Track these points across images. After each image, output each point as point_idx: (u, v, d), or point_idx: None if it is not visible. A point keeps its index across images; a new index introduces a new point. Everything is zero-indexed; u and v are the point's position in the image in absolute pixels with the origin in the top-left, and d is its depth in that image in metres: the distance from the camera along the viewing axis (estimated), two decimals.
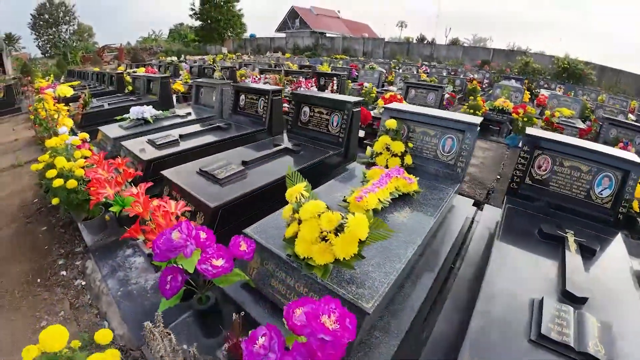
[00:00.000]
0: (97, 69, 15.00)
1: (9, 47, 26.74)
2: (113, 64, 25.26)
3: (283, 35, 42.41)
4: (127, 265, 2.61)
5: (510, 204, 2.69)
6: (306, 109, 4.21)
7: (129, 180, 2.73)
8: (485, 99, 9.80)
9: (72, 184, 2.65)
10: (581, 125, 8.46)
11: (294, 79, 8.12)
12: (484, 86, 14.33)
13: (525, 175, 2.77)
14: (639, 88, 21.29)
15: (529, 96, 11.46)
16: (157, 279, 2.46)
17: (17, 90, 10.90)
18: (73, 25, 32.88)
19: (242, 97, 5.04)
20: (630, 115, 10.60)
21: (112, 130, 4.53)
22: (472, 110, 8.28)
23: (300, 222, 1.77)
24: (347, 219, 1.67)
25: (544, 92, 13.09)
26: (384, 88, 10.45)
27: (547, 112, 8.34)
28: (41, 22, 31.55)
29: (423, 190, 2.76)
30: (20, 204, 4.10)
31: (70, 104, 7.56)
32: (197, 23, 36.27)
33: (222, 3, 35.36)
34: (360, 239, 1.64)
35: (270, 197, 3.01)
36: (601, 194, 2.50)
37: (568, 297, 1.63)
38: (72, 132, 4.63)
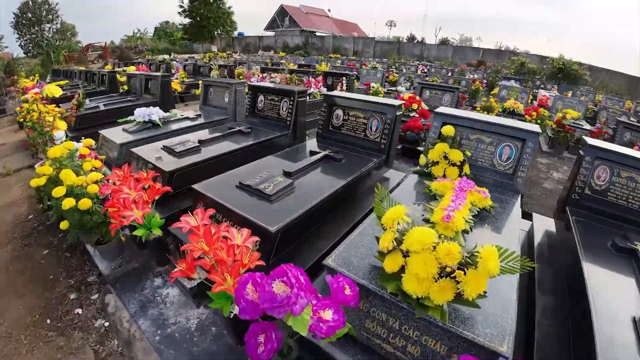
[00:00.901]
0: (83, 68, 14.25)
1: None
2: (97, 63, 24.30)
3: (272, 33, 41.84)
4: (159, 300, 2.17)
5: (575, 216, 2.54)
6: (339, 112, 3.82)
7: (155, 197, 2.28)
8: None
9: (85, 204, 2.19)
10: (588, 127, 8.35)
11: (301, 78, 7.69)
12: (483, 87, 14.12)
13: (586, 185, 2.66)
14: (628, 87, 21.62)
15: (531, 97, 11.34)
16: (201, 317, 2.03)
17: (2, 90, 10.16)
18: (56, 24, 31.66)
19: (261, 98, 4.59)
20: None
21: (116, 134, 4.03)
22: (485, 112, 8.03)
23: (405, 253, 1.48)
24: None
25: (543, 93, 12.96)
26: (389, 88, 10.10)
27: (559, 114, 8.19)
28: (24, 21, 30.33)
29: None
30: (14, 221, 3.58)
31: (60, 105, 6.98)
32: (186, 20, 35.28)
33: (211, 0, 34.50)
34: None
35: (323, 215, 2.61)
36: None
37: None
38: (66, 136, 4.13)
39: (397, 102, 3.54)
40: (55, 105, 6.15)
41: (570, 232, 2.39)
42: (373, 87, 9.15)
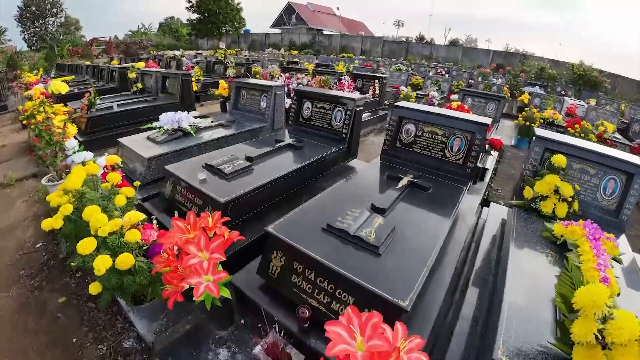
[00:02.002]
0: (89, 63, 13.57)
1: None
2: (102, 58, 23.58)
3: (278, 31, 41.07)
4: None
5: None
6: (410, 127, 3.18)
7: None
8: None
9: (125, 262, 1.54)
10: (626, 142, 7.77)
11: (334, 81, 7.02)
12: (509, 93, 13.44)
13: None
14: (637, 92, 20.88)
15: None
16: None
17: (3, 85, 9.48)
18: (60, 17, 30.99)
19: (308, 105, 3.96)
20: None
21: (141, 145, 3.39)
22: (528, 123, 7.41)
23: (605, 345, 1.20)
24: None
25: (571, 102, 12.33)
26: (418, 93, 9.45)
27: (601, 128, 7.61)
28: (28, 14, 29.67)
29: None
30: (17, 251, 2.94)
31: (67, 103, 6.32)
32: (194, 16, 34.54)
33: None
34: None
35: None
36: None
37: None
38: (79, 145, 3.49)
39: (486, 120, 2.93)
40: (62, 104, 5.53)
41: None
42: (403, 91, 8.51)
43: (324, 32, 40.32)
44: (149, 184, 3.20)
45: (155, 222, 1.87)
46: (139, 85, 6.66)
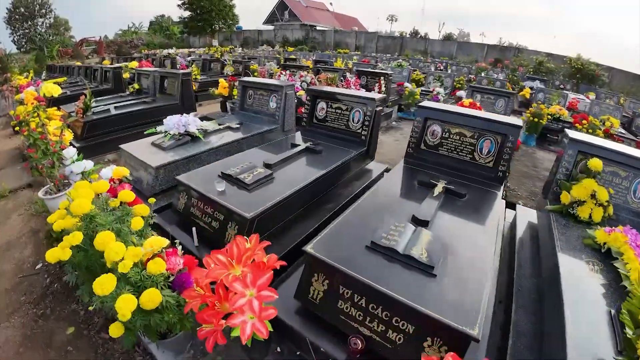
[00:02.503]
0: (79, 63, 13.18)
1: None
2: (92, 58, 23.07)
3: (271, 27, 40.59)
4: None
5: None
6: (437, 128, 2.98)
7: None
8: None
9: (153, 300, 1.32)
10: (631, 137, 7.68)
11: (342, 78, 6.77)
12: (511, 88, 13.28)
13: None
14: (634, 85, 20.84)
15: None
16: None
17: None
18: (49, 18, 30.29)
19: (322, 105, 3.73)
20: None
21: (147, 153, 3.15)
22: (536, 119, 7.23)
23: None
24: None
25: (573, 96, 12.22)
26: (423, 89, 9.24)
27: (607, 124, 7.49)
28: (17, 16, 29.04)
29: None
30: (17, 273, 2.70)
31: (60, 107, 6.02)
32: (186, 13, 34.00)
33: None
34: None
35: None
36: None
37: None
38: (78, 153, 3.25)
39: (518, 121, 2.75)
40: (55, 107, 5.24)
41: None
42: (407, 88, 8.29)
43: (317, 28, 39.96)
44: (157, 194, 2.97)
45: (179, 246, 1.65)
46: (136, 85, 6.37)
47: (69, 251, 1.50)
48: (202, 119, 5.64)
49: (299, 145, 3.21)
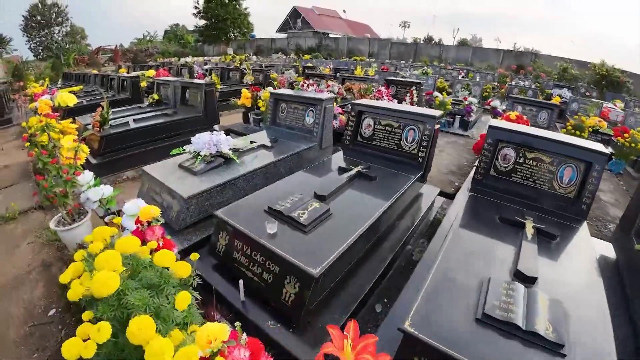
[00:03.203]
0: (95, 71, 13.01)
1: (0, 49, 24.43)
2: (108, 66, 23.10)
3: (284, 35, 40.54)
4: None
5: None
6: (510, 151, 2.52)
7: None
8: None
9: None
10: None
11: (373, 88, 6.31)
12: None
13: None
14: None
15: None
16: None
17: (7, 97, 8.86)
18: (66, 26, 30.66)
19: (369, 122, 3.28)
20: None
21: (175, 178, 2.71)
22: (578, 132, 6.65)
23: None
24: None
25: (605, 105, 11.56)
26: (454, 99, 8.74)
27: None
28: (33, 24, 29.45)
29: None
30: (24, 319, 2.27)
31: (76, 118, 5.68)
32: (202, 22, 34.12)
33: (227, 1, 33.34)
34: None
35: None
36: None
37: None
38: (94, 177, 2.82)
39: (605, 149, 2.29)
40: (70, 118, 4.87)
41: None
42: (438, 97, 7.79)
43: (330, 36, 39.79)
44: (187, 228, 2.53)
45: (241, 332, 1.18)
46: (155, 96, 6.00)
47: (93, 346, 1.05)
48: (228, 132, 5.24)
49: (349, 169, 2.76)
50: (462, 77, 14.93)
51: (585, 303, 1.56)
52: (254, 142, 3.48)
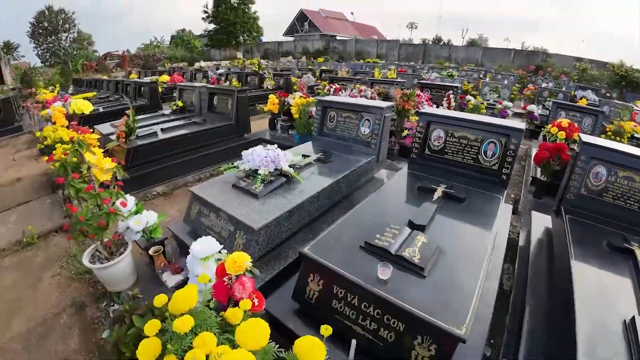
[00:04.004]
0: (106, 77, 12.67)
1: (7, 55, 24.23)
2: (116, 72, 22.83)
3: (291, 39, 40.26)
4: None
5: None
6: (601, 169, 2.11)
7: None
8: None
9: None
10: None
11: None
12: None
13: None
14: None
15: None
16: None
17: (17, 103, 8.49)
18: (73, 33, 30.61)
19: (439, 134, 2.84)
20: None
21: (236, 203, 2.26)
22: (617, 138, 6.14)
23: None
24: None
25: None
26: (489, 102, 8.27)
27: None
28: (40, 30, 29.43)
29: None
30: None
31: (94, 127, 5.27)
32: (211, 27, 33.85)
33: (236, 5, 33.07)
34: None
35: None
36: None
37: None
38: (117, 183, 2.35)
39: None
40: (87, 127, 4.46)
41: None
42: (471, 101, 7.32)
43: (338, 38, 39.47)
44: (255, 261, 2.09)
45: None
46: (179, 103, 5.59)
47: None
48: (259, 142, 4.80)
49: (432, 189, 2.34)
50: (481, 77, 14.45)
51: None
52: (307, 155, 3.03)
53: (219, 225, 2.22)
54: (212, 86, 5.45)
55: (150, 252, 2.26)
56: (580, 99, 10.98)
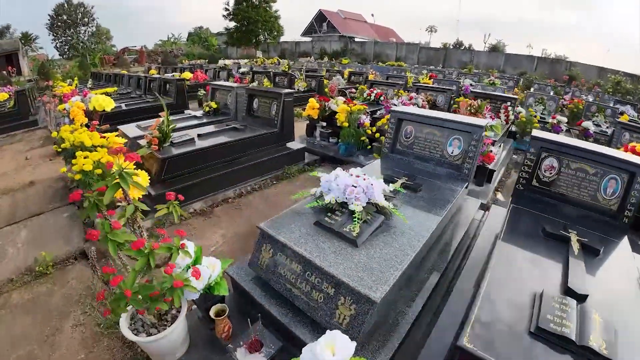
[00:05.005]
0: (125, 72, 12.21)
1: (26, 46, 24.10)
2: (134, 67, 22.50)
3: (308, 39, 39.75)
4: None
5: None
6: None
7: None
8: None
9: None
10: None
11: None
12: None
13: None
14: None
15: None
16: None
17: (33, 96, 8.00)
18: (92, 27, 30.64)
19: (551, 163, 2.25)
20: None
21: (327, 254, 1.64)
22: None
23: None
24: None
25: None
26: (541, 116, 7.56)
27: None
28: (59, 23, 29.48)
29: None
30: None
31: (117, 127, 4.71)
32: (232, 24, 33.39)
33: (258, 3, 32.58)
34: None
35: None
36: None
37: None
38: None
39: None
40: (108, 126, 3.90)
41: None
42: (522, 114, 6.60)
43: (356, 39, 38.86)
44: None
45: None
46: (213, 104, 5.01)
47: None
48: (304, 151, 4.19)
49: (561, 235, 1.76)
50: (512, 86, 13.67)
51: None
52: (391, 181, 2.41)
53: (307, 282, 1.61)
54: (253, 88, 4.85)
55: (211, 314, 1.66)
56: (621, 114, 10.20)
